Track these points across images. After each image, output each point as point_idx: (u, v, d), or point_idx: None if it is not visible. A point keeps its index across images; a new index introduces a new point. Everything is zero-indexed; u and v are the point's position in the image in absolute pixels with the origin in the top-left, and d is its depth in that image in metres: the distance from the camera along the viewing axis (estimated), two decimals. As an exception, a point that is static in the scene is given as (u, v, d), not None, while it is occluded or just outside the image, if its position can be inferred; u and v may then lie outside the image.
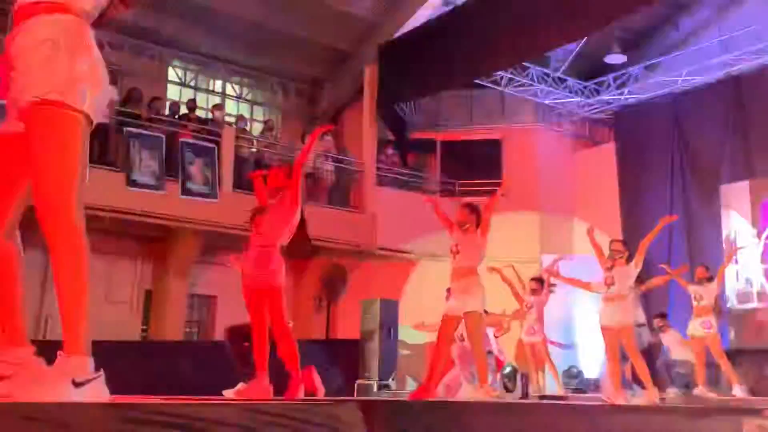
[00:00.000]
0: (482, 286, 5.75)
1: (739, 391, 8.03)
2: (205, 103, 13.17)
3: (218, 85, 13.72)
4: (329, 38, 13.18)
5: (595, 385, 10.55)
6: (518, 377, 8.08)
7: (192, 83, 13.28)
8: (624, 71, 12.77)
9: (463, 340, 7.37)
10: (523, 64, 12.40)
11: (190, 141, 10.91)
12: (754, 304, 10.91)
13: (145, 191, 10.15)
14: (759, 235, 10.96)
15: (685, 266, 8.73)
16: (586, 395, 9.27)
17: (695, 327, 8.38)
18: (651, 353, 9.79)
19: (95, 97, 2.23)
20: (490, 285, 5.98)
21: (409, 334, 11.70)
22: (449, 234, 6.00)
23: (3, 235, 2.29)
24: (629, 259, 6.74)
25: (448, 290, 5.85)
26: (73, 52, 2.20)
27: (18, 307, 2.35)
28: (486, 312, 7.52)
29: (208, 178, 10.73)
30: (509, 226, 11.57)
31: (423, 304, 8.75)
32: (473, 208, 5.94)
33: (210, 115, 12.30)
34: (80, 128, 2.20)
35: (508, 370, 8.19)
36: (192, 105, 12.02)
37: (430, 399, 5.67)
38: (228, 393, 5.26)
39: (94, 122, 2.25)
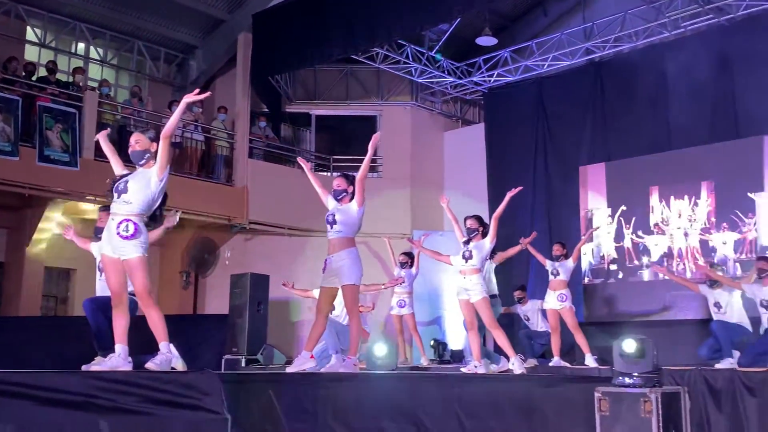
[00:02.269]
0: (359, 258, 5.77)
1: (591, 361, 8.51)
2: (66, 66, 12.45)
3: (81, 48, 12.99)
4: (202, 3, 12.77)
5: (459, 357, 10.92)
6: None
7: (52, 44, 12.50)
8: (494, 54, 13.13)
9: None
10: (399, 42, 12.50)
11: (49, 105, 10.30)
12: (606, 280, 11.62)
13: (-3, 157, 9.52)
14: (613, 215, 11.66)
15: (534, 234, 9.21)
16: (451, 366, 9.57)
17: (551, 300, 8.80)
18: (513, 324, 10.25)
19: None
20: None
21: (278, 309, 11.65)
22: (324, 203, 5.97)
23: None
24: (484, 234, 7.02)
25: (325, 261, 5.82)
26: None
27: None
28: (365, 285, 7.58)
29: (68, 145, 10.17)
30: (382, 201, 11.71)
31: (296, 278, 8.70)
32: (350, 179, 5.93)
33: (71, 79, 11.64)
34: None
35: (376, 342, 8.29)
36: (52, 67, 11.33)
37: (298, 371, 5.67)
38: (86, 368, 5.05)
39: None
